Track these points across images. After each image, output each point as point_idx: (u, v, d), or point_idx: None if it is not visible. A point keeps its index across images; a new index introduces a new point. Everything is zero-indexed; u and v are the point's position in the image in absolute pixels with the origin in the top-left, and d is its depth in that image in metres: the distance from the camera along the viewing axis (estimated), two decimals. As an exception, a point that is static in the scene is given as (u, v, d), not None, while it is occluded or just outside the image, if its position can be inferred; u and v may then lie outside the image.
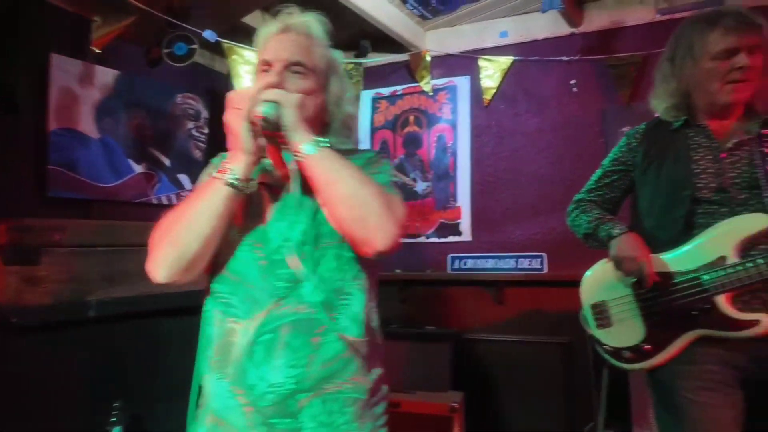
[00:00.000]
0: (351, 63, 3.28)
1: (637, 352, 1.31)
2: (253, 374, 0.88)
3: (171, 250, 0.90)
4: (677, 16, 2.59)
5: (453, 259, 3.03)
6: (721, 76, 1.24)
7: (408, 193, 3.24)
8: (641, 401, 1.96)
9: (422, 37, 3.25)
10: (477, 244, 3.02)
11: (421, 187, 3.22)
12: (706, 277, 1.23)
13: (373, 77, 3.37)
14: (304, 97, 0.92)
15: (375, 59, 3.31)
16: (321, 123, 0.99)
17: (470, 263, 2.98)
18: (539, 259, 2.78)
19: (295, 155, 0.89)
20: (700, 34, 1.26)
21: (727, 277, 1.21)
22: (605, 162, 1.48)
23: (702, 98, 1.30)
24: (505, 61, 3.03)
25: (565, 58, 2.90)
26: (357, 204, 0.86)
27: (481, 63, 3.08)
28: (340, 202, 0.87)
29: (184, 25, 2.23)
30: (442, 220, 3.13)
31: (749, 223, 1.21)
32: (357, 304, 0.93)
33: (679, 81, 1.32)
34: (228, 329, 0.92)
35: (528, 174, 2.95)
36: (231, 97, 0.90)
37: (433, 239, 3.14)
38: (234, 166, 0.90)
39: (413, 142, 3.28)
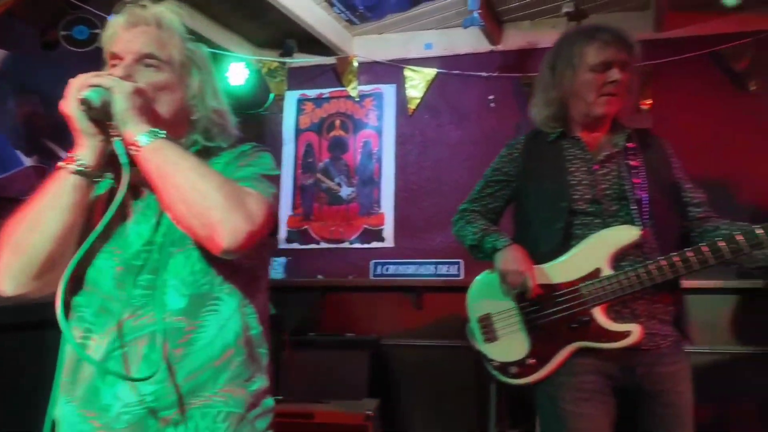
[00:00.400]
0: (275, 62, 3.19)
1: (523, 367, 1.31)
2: (107, 394, 0.80)
3: (15, 256, 0.80)
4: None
5: (376, 264, 3.04)
6: (597, 88, 1.28)
7: (333, 198, 3.21)
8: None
9: (350, 42, 3.24)
10: (399, 250, 3.06)
11: (345, 192, 3.20)
12: (584, 289, 1.25)
13: (299, 78, 3.31)
14: (149, 88, 0.85)
15: (301, 60, 3.25)
16: (184, 119, 0.93)
17: (392, 269, 3.01)
18: (457, 266, 2.88)
19: (129, 147, 0.81)
20: (580, 46, 1.30)
21: (603, 290, 1.23)
22: (488, 172, 1.48)
23: (578, 108, 1.33)
24: (430, 72, 3.11)
25: (484, 74, 3.04)
26: (195, 198, 0.78)
27: (407, 73, 3.14)
28: (177, 197, 0.79)
29: (85, 6, 2.04)
30: (365, 226, 3.13)
31: (619, 236, 1.25)
32: (227, 310, 0.86)
33: (559, 90, 1.34)
34: (79, 346, 0.83)
35: (450, 183, 3.04)
36: (70, 81, 0.82)
37: (357, 245, 3.13)
38: (79, 152, 0.82)
39: (339, 147, 3.26)
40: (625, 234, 1.25)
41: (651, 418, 1.25)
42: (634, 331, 1.21)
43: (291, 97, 3.34)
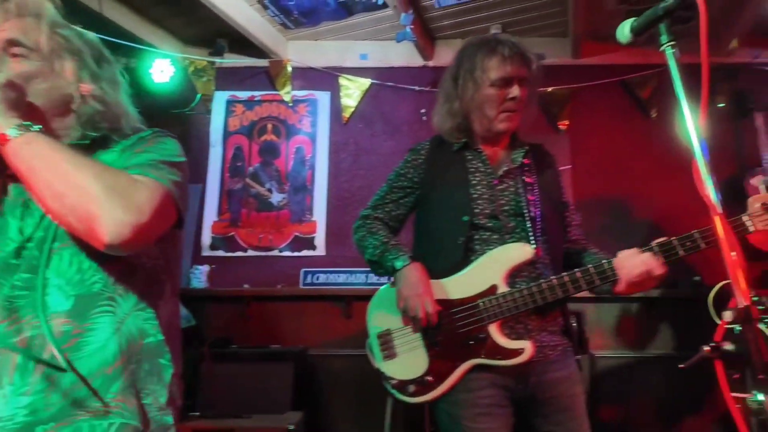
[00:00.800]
0: (204, 60, 3.06)
1: (421, 385, 1.28)
2: None
3: None
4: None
5: (306, 273, 2.98)
6: (498, 103, 1.29)
7: (262, 204, 3.11)
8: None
9: (284, 46, 3.19)
10: (331, 258, 3.02)
11: (276, 198, 3.12)
12: (481, 305, 1.26)
13: (230, 79, 3.20)
14: (22, 80, 0.79)
15: (231, 60, 3.15)
16: (64, 110, 0.86)
17: (323, 278, 2.97)
18: (388, 275, 2.89)
19: None
20: (482, 59, 1.30)
21: (499, 306, 1.24)
22: (392, 176, 1.45)
23: (480, 122, 1.34)
24: (364, 82, 3.14)
25: (416, 88, 3.12)
26: (68, 191, 0.72)
27: (342, 81, 3.15)
28: (48, 192, 0.72)
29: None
30: (297, 234, 3.07)
31: (514, 253, 1.26)
32: (121, 313, 0.80)
33: (461, 101, 1.34)
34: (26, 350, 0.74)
35: (383, 192, 3.07)
36: None
37: (287, 253, 3.05)
38: None
39: (270, 152, 3.17)
40: (520, 252, 1.27)
41: (550, 424, 1.27)
42: (527, 348, 1.23)
43: (220, 98, 3.21)
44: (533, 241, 1.28)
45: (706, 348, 0.83)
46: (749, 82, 2.94)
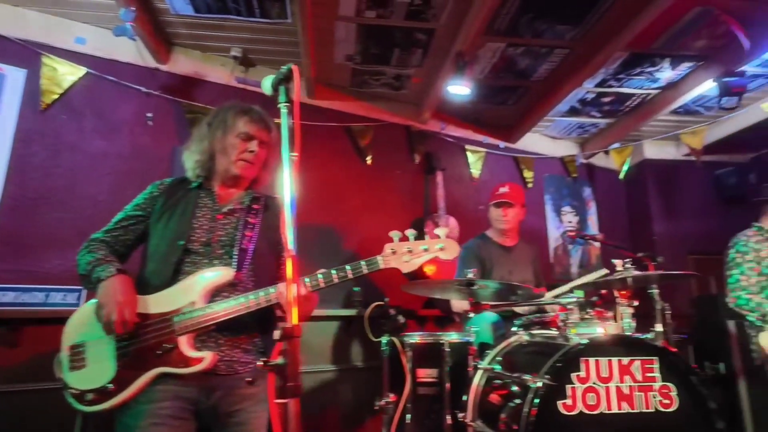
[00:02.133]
0: None
1: (102, 393, 1.32)
2: None
3: None
4: (249, 88, 3.05)
5: (-48, 289, 2.31)
6: (238, 152, 1.55)
7: None
8: None
9: (-37, 0, 2.52)
10: (-4, 271, 2.43)
11: None
12: (176, 319, 1.37)
13: None
14: None
15: None
16: None
17: (-21, 296, 2.34)
18: (76, 294, 2.48)
19: None
20: (234, 114, 1.58)
21: (192, 320, 1.36)
22: (129, 206, 1.56)
23: (222, 164, 1.57)
24: (78, 69, 2.72)
25: (144, 89, 2.87)
26: None
27: (47, 61, 2.66)
28: None
29: None
30: (-55, 238, 2.36)
31: (215, 274, 1.41)
32: None
33: (210, 143, 1.58)
34: None
35: (84, 197, 2.66)
36: None
37: (-76, 261, 2.31)
38: None
39: None
40: (221, 273, 1.42)
41: None
42: (206, 357, 1.35)
43: None
44: (236, 267, 1.44)
45: (259, 363, 0.97)
46: (436, 146, 3.75)
